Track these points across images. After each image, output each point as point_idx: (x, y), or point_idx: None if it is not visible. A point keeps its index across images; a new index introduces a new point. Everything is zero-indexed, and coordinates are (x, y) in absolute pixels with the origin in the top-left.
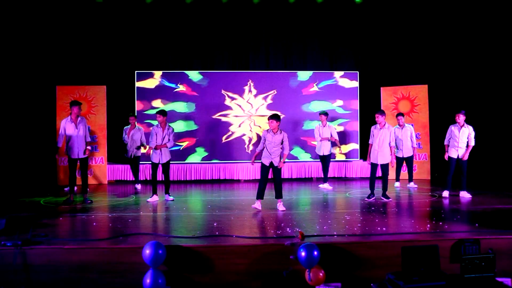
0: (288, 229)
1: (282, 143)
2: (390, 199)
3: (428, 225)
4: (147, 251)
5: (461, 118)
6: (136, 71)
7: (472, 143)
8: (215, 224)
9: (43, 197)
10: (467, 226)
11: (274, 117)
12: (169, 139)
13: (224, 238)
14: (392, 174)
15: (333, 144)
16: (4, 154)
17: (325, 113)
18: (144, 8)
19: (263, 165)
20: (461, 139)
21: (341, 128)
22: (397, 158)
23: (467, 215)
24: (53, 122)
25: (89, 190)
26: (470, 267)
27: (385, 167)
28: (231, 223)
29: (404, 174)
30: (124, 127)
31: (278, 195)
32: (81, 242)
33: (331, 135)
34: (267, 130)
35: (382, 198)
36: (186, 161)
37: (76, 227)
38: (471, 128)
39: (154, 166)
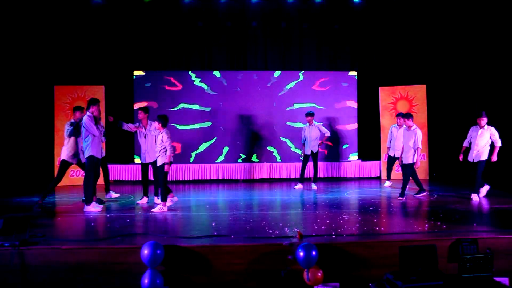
0: (286, 229)
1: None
2: (404, 199)
3: (426, 225)
4: (145, 251)
5: (483, 121)
6: (134, 71)
7: (498, 143)
8: (213, 224)
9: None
10: (465, 225)
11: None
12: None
13: (222, 238)
14: (383, 173)
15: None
16: (2, 154)
17: (310, 114)
18: (142, 8)
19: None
20: (478, 141)
21: (339, 128)
22: (389, 157)
23: (465, 215)
24: (51, 122)
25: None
26: (468, 266)
27: (404, 167)
28: (229, 223)
29: (398, 174)
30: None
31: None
32: (78, 242)
33: (320, 132)
34: None
35: (398, 197)
36: (184, 162)
37: (74, 227)
38: (493, 129)
39: (142, 166)
